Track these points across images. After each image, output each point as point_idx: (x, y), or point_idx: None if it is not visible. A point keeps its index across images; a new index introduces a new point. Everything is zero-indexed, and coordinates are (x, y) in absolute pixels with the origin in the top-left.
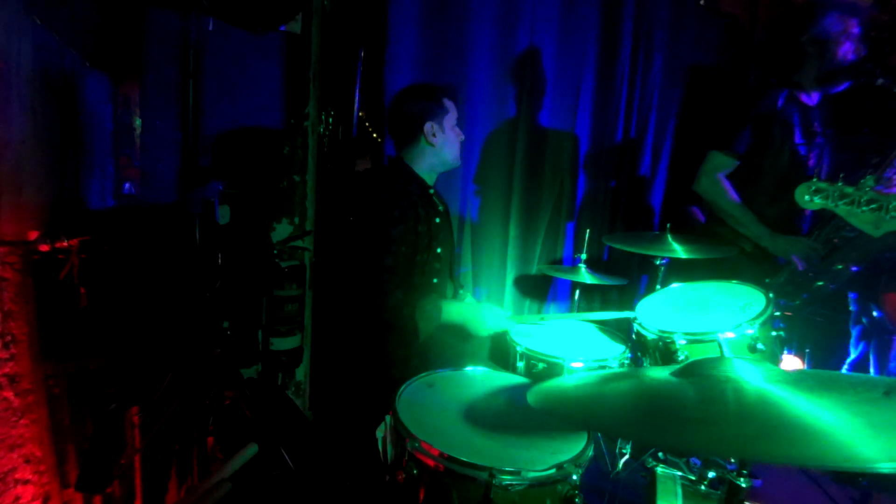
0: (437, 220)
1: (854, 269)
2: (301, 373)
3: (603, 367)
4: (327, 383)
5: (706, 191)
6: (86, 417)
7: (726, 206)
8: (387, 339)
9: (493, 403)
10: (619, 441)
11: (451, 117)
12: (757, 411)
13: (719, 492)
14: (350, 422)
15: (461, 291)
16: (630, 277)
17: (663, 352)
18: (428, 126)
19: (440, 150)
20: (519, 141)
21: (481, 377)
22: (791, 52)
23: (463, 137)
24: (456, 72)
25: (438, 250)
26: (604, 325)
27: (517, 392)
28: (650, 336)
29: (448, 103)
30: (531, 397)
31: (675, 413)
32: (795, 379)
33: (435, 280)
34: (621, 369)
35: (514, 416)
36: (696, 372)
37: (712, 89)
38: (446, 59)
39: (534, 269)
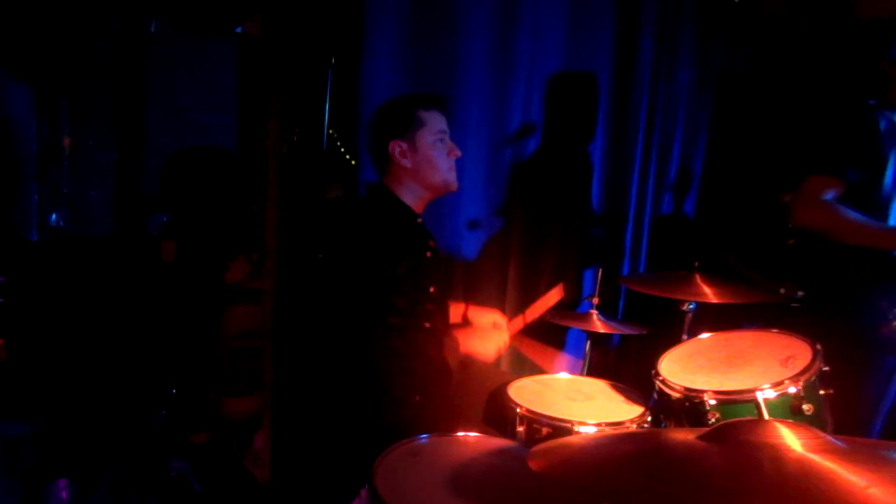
0: (428, 254)
1: None
2: (261, 439)
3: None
4: (293, 451)
5: (815, 220)
6: (6, 491)
7: (850, 224)
8: (374, 400)
9: (487, 474)
10: None
11: (426, 132)
12: (798, 485)
13: None
14: (318, 497)
15: None
16: (651, 326)
17: (690, 414)
18: (393, 145)
19: (416, 172)
20: (519, 165)
21: (473, 444)
22: (875, 75)
23: (458, 153)
24: (445, 80)
25: (431, 290)
26: (618, 384)
27: (516, 460)
28: (675, 395)
29: (424, 115)
30: (532, 461)
31: (700, 483)
32: (847, 449)
33: (427, 325)
34: (639, 430)
35: (512, 489)
36: (727, 436)
37: (752, 102)
38: (433, 68)
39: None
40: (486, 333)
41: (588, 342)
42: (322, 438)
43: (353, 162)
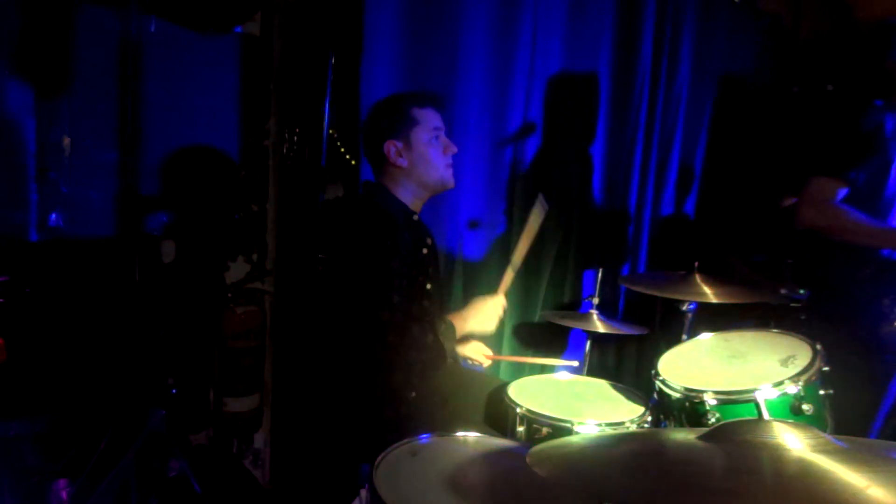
0: (425, 250)
1: None
2: (260, 439)
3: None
4: (292, 451)
5: (820, 220)
6: (5, 491)
7: (855, 225)
8: (372, 395)
9: (488, 474)
10: None
11: (421, 130)
12: (798, 485)
13: None
14: (318, 497)
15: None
16: (651, 326)
17: (690, 414)
18: (388, 145)
19: (412, 171)
20: (519, 165)
21: (473, 444)
22: (880, 76)
23: (454, 149)
24: (444, 83)
25: (428, 286)
26: (618, 384)
27: (515, 460)
28: (675, 395)
29: (418, 113)
30: (532, 461)
31: (699, 483)
32: (847, 449)
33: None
34: (639, 430)
35: (512, 489)
36: (727, 436)
37: (751, 102)
38: (432, 67)
39: (536, 316)
40: (481, 307)
41: (588, 342)
42: (321, 437)
43: (353, 162)
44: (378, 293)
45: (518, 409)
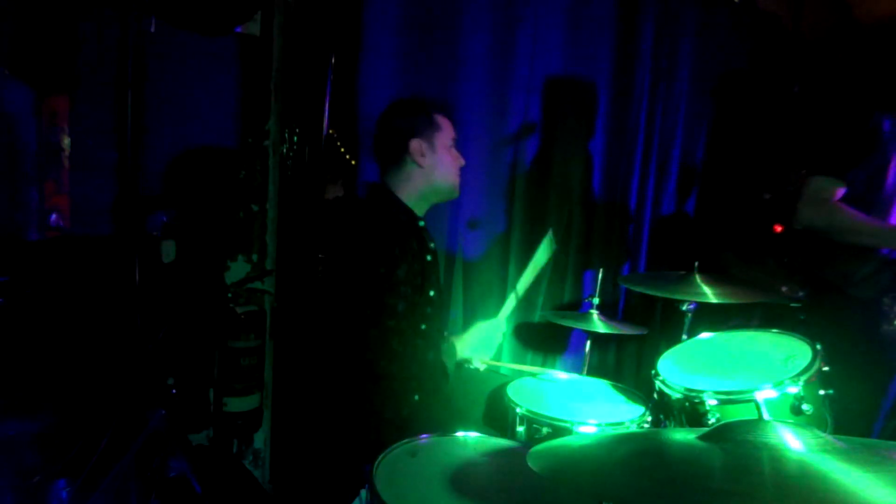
0: (429, 257)
1: None
2: (260, 439)
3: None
4: (292, 451)
5: (819, 220)
6: (5, 492)
7: (854, 224)
8: (373, 397)
9: (488, 474)
10: None
11: (444, 136)
12: (798, 485)
13: None
14: (318, 497)
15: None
16: (651, 326)
17: (690, 414)
18: (415, 143)
19: (430, 172)
20: (519, 165)
21: (473, 444)
22: (881, 77)
23: (463, 162)
24: (443, 83)
25: (431, 293)
26: (618, 384)
27: (515, 460)
28: (675, 395)
29: (441, 120)
30: (532, 460)
31: (699, 484)
32: (847, 449)
33: (423, 326)
34: (639, 430)
35: (512, 489)
36: (727, 436)
37: (751, 102)
38: (432, 67)
39: (536, 316)
40: (480, 332)
41: (588, 342)
42: (322, 438)
43: (353, 162)
44: (381, 298)
45: (518, 409)
